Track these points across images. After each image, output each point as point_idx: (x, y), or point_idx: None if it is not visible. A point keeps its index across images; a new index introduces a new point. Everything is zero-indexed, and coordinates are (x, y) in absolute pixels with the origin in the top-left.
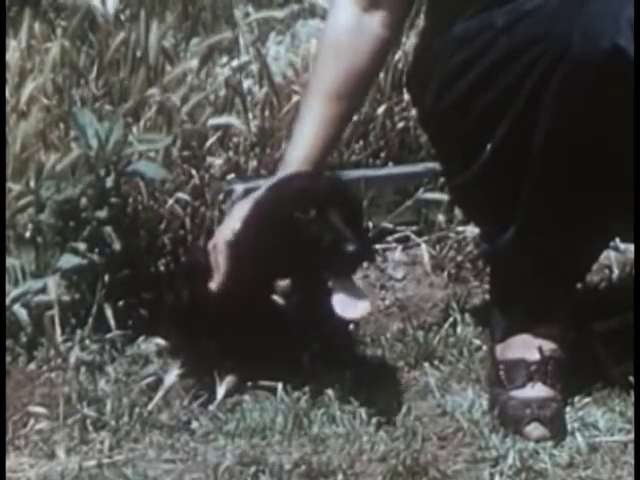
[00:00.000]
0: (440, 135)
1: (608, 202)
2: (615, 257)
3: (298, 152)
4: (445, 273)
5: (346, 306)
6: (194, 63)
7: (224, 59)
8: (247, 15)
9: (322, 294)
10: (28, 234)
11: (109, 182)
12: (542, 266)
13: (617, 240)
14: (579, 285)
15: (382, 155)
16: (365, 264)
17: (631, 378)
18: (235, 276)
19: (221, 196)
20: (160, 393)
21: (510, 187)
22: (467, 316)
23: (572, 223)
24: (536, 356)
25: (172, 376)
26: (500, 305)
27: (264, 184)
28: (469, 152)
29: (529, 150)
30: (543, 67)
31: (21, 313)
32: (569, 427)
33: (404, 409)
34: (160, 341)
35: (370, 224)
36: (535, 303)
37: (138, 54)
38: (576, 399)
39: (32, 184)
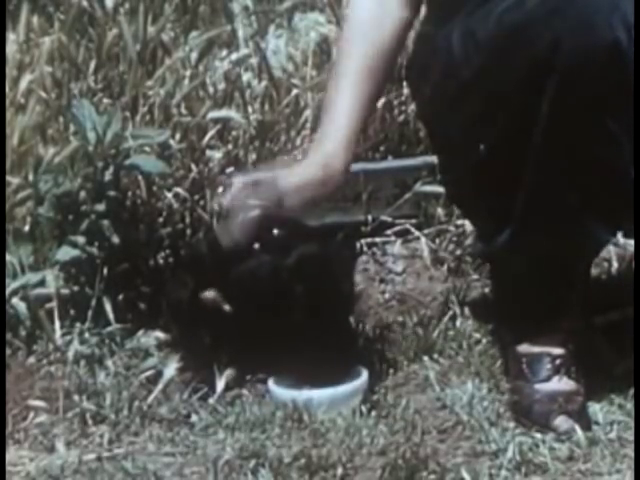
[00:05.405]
0: (437, 129)
1: (606, 202)
2: (615, 251)
3: (337, 133)
4: (445, 266)
5: None
6: (184, 54)
7: (223, 52)
8: (246, 8)
9: None
10: (27, 227)
11: (107, 175)
12: (539, 267)
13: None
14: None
15: (381, 148)
16: (365, 258)
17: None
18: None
19: (220, 189)
20: (160, 386)
21: (506, 186)
22: (466, 309)
23: (569, 224)
24: (561, 349)
25: (172, 369)
26: (502, 310)
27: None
28: (465, 148)
29: (526, 149)
30: (536, 67)
31: (20, 306)
32: None
33: (403, 402)
34: (159, 334)
35: (369, 217)
36: (535, 307)
37: (137, 47)
38: None
39: (31, 177)
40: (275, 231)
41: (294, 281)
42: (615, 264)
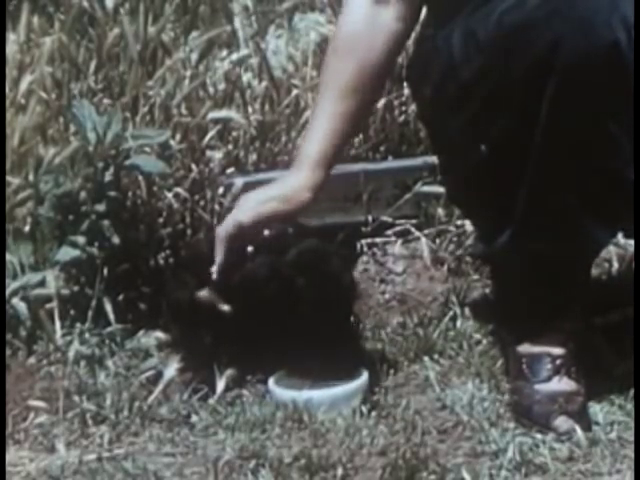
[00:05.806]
0: (438, 129)
1: (606, 203)
2: (615, 251)
3: (312, 148)
4: (445, 267)
5: None
6: (185, 54)
7: (223, 53)
8: (246, 8)
9: None
10: (27, 227)
11: (108, 176)
12: (539, 268)
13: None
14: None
15: (382, 149)
16: (365, 259)
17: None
18: (231, 266)
19: (220, 190)
20: (160, 387)
21: (507, 187)
22: (467, 310)
23: (569, 224)
24: (561, 350)
25: (172, 370)
26: (502, 310)
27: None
28: (466, 148)
29: (526, 150)
30: (536, 68)
31: (20, 307)
32: None
33: (404, 403)
34: (160, 335)
35: (370, 218)
36: (535, 308)
37: (137, 48)
38: None
39: (31, 178)
40: (266, 232)
41: (294, 277)
42: (615, 264)
